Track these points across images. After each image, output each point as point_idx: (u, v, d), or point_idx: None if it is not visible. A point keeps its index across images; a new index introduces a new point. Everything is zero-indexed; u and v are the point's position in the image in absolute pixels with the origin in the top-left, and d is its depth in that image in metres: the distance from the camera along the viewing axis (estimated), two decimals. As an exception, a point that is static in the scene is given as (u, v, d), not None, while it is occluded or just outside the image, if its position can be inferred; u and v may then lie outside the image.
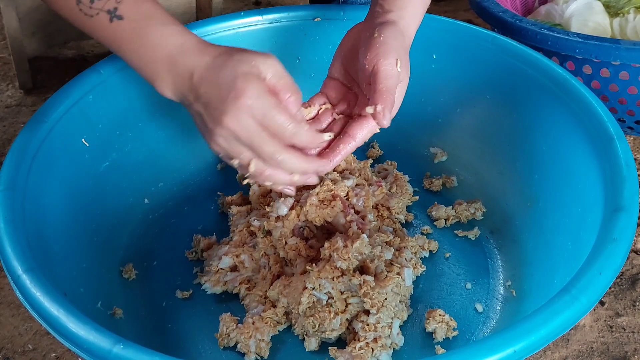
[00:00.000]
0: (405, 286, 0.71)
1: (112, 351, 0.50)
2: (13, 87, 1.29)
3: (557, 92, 0.77)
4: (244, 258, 0.75)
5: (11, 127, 1.19)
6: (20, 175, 0.66)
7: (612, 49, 0.91)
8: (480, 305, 0.73)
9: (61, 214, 0.70)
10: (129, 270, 0.76)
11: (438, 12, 1.33)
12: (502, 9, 1.03)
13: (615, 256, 0.57)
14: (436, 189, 0.87)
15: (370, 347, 0.65)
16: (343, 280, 0.68)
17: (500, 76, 0.84)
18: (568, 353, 0.79)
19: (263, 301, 0.72)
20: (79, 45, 1.42)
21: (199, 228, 0.82)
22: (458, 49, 0.88)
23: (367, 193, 0.77)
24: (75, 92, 0.77)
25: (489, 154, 0.86)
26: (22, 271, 0.56)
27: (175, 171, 0.88)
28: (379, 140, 0.94)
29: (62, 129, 0.73)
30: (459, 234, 0.81)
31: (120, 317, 0.71)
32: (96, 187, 0.77)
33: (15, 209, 0.62)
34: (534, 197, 0.78)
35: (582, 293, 0.54)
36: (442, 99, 0.90)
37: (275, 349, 0.69)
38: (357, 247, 0.69)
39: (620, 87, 0.96)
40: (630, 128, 1.04)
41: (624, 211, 0.60)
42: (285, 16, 0.91)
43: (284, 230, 0.73)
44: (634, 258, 0.91)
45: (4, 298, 0.87)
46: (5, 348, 0.81)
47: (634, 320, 0.83)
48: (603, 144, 0.68)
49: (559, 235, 0.71)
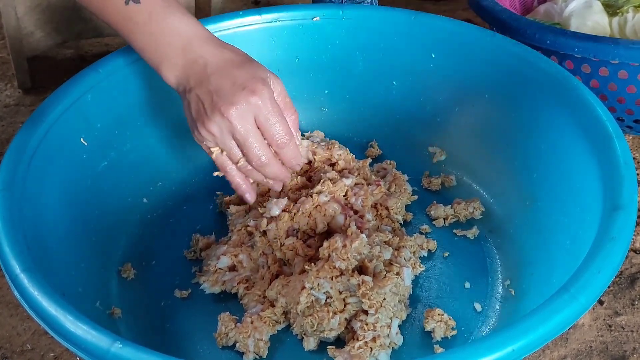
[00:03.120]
0: (405, 286, 0.70)
1: (110, 350, 0.50)
2: (12, 86, 1.29)
3: (556, 91, 0.77)
4: (242, 258, 0.75)
5: (9, 127, 1.19)
6: (18, 174, 0.66)
7: (611, 48, 0.91)
8: (479, 305, 0.73)
9: (59, 213, 0.70)
10: (127, 270, 0.76)
11: (437, 12, 1.33)
12: (500, 8, 1.02)
13: (614, 255, 0.57)
14: (435, 188, 0.87)
15: (369, 346, 0.65)
16: (342, 280, 0.68)
17: (499, 75, 0.84)
18: (567, 352, 0.79)
19: (262, 301, 0.72)
20: (78, 45, 1.42)
21: (197, 227, 0.82)
22: (457, 48, 0.87)
23: (366, 192, 0.77)
24: (74, 92, 0.77)
25: (487, 153, 0.86)
26: (19, 271, 0.56)
27: (174, 171, 0.88)
28: (378, 139, 0.94)
29: (61, 129, 0.73)
30: (458, 233, 0.81)
31: (119, 316, 0.71)
32: (94, 186, 0.77)
33: (13, 209, 0.62)
34: (532, 196, 0.78)
35: (581, 292, 0.54)
36: (440, 98, 0.90)
37: (274, 349, 0.69)
38: (356, 247, 0.69)
39: (619, 86, 0.96)
40: (629, 127, 1.04)
41: (623, 210, 0.60)
42: (284, 15, 0.91)
43: (277, 231, 0.73)
44: (633, 257, 0.91)
45: (2, 298, 0.87)
46: (3, 348, 0.80)
47: (633, 319, 0.83)
48: (602, 143, 0.68)
49: (558, 234, 0.71)
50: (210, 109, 0.65)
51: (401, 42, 0.90)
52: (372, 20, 0.91)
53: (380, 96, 0.93)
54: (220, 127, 0.65)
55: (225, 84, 0.64)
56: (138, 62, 0.82)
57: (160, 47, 0.67)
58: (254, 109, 0.64)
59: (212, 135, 0.66)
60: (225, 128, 0.65)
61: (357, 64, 0.93)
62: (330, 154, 0.81)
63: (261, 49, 0.88)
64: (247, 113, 0.64)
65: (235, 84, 0.64)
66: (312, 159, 0.80)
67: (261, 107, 0.65)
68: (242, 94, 0.64)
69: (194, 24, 0.68)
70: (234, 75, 0.65)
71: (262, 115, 0.65)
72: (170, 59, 0.67)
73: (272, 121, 0.65)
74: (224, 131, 0.65)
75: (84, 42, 1.42)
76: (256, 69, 0.67)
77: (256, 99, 0.64)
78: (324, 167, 0.79)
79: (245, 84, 0.64)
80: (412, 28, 0.89)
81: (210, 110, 0.65)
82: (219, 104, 0.64)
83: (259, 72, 0.66)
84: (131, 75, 0.82)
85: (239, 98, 0.64)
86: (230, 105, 0.64)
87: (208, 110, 0.65)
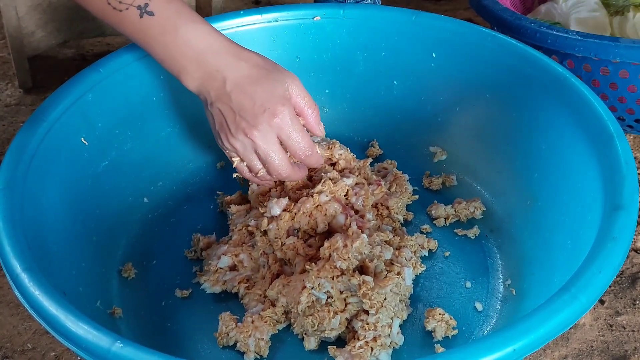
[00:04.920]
0: (405, 285, 0.70)
1: (111, 350, 0.50)
2: (12, 86, 1.29)
3: (557, 90, 0.77)
4: (243, 257, 0.75)
5: (10, 126, 1.19)
6: (19, 174, 0.66)
7: (612, 47, 0.91)
8: (480, 304, 0.73)
9: (60, 213, 0.70)
10: (128, 270, 0.76)
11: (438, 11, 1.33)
12: (501, 8, 1.02)
13: (615, 255, 0.57)
14: (436, 187, 0.87)
15: (369, 346, 0.65)
16: (342, 280, 0.68)
17: (500, 75, 0.84)
18: (568, 352, 0.79)
19: (262, 300, 0.72)
20: (79, 45, 1.42)
21: (198, 227, 0.82)
22: (458, 47, 0.87)
23: (367, 192, 0.77)
24: (75, 91, 0.77)
25: (488, 153, 0.85)
26: (20, 270, 0.56)
27: (174, 170, 0.88)
28: (379, 139, 0.94)
29: (61, 128, 0.73)
30: (459, 233, 0.81)
31: (120, 316, 0.71)
32: (95, 186, 0.77)
33: (14, 208, 0.62)
34: (533, 196, 0.78)
35: (582, 292, 0.54)
36: (441, 97, 0.90)
37: (275, 348, 0.69)
38: (356, 247, 0.69)
39: (620, 86, 0.96)
40: (630, 126, 1.04)
41: (624, 210, 0.60)
42: (285, 15, 0.91)
43: (278, 231, 0.73)
44: (634, 257, 0.91)
45: (3, 297, 0.87)
46: (4, 347, 0.80)
47: (634, 319, 0.83)
48: (603, 143, 0.68)
49: (559, 234, 0.71)
50: (235, 128, 0.68)
51: (402, 42, 0.90)
52: (373, 20, 0.91)
53: (381, 96, 0.93)
54: (243, 144, 0.68)
55: (247, 104, 0.67)
56: (139, 62, 0.83)
57: (177, 59, 0.68)
58: (276, 129, 0.68)
59: (233, 149, 0.70)
60: (248, 145, 0.68)
61: (358, 63, 0.93)
62: (331, 153, 0.81)
63: (262, 49, 0.87)
64: (270, 134, 0.68)
65: (255, 105, 0.66)
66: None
67: (282, 127, 0.68)
68: (263, 117, 0.66)
69: (208, 34, 0.68)
70: (254, 94, 0.67)
71: (284, 134, 0.68)
72: (188, 70, 0.68)
73: (294, 138, 0.69)
74: (247, 148, 0.69)
75: (84, 42, 1.42)
76: (274, 85, 0.68)
77: (277, 121, 0.67)
78: (325, 167, 0.79)
79: (265, 105, 0.67)
80: (413, 28, 0.89)
81: (235, 129, 0.68)
82: (242, 125, 0.67)
83: (277, 90, 0.68)
84: (132, 74, 0.82)
85: (261, 120, 0.67)
86: (253, 128, 0.67)
87: (232, 128, 0.68)
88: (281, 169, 0.70)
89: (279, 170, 0.70)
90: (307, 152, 0.71)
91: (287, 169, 0.71)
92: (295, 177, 0.73)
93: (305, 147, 0.70)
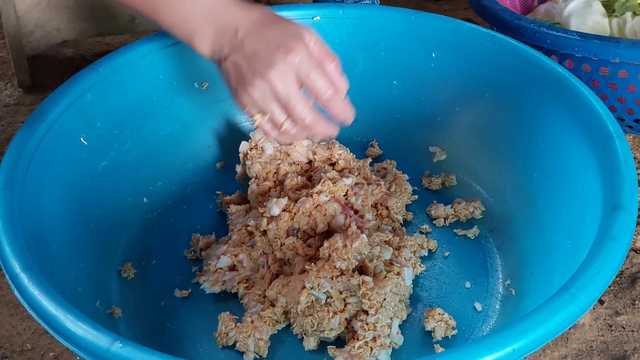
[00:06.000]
0: (405, 286, 0.70)
1: (110, 350, 0.50)
2: (12, 85, 1.29)
3: (557, 90, 0.77)
4: (242, 257, 0.75)
5: (9, 126, 1.19)
6: (19, 174, 0.66)
7: (612, 47, 0.91)
8: (480, 304, 0.73)
9: (59, 213, 0.70)
10: (127, 270, 0.76)
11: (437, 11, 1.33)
12: (501, 8, 1.02)
13: (614, 255, 0.57)
14: (435, 187, 0.87)
15: (369, 346, 0.65)
16: (342, 280, 0.68)
17: (499, 75, 0.84)
18: (567, 352, 0.79)
19: (262, 300, 0.72)
20: (78, 44, 1.42)
21: (197, 227, 0.82)
22: (457, 47, 0.87)
23: (366, 192, 0.77)
24: (74, 91, 0.76)
25: (488, 153, 0.85)
26: (20, 270, 0.56)
27: (174, 170, 0.88)
28: (378, 139, 0.94)
29: (61, 128, 0.73)
30: (458, 233, 0.81)
31: (119, 316, 0.71)
32: (95, 186, 0.77)
33: (13, 208, 0.62)
34: (533, 196, 0.78)
35: (581, 292, 0.54)
36: (441, 97, 0.90)
37: (274, 348, 0.69)
38: (356, 247, 0.68)
39: (619, 86, 0.96)
40: (630, 126, 1.04)
41: (623, 209, 0.60)
42: (285, 15, 0.90)
43: (277, 231, 0.73)
44: (634, 257, 0.91)
45: (2, 297, 0.87)
46: (3, 347, 0.80)
47: (634, 319, 0.83)
48: (602, 143, 0.68)
49: (558, 233, 0.71)
50: (250, 74, 0.64)
51: (402, 42, 0.90)
52: (372, 20, 0.91)
53: (381, 96, 0.93)
54: (261, 91, 0.65)
55: (260, 46, 0.64)
56: (138, 62, 0.83)
57: (187, 20, 0.67)
58: (293, 67, 0.64)
59: (254, 100, 0.66)
60: (267, 91, 0.65)
61: (358, 63, 0.93)
62: (330, 153, 0.81)
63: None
64: (287, 72, 0.64)
65: (269, 45, 0.64)
66: (313, 158, 0.80)
67: (300, 65, 0.64)
68: (278, 54, 0.63)
69: None
70: (266, 36, 0.65)
71: (302, 73, 0.64)
72: (199, 30, 0.66)
73: (313, 76, 0.65)
74: (266, 94, 0.65)
75: (84, 42, 1.42)
76: (287, 26, 0.66)
77: (293, 57, 0.64)
78: (324, 167, 0.79)
79: (279, 43, 0.64)
80: (413, 27, 0.89)
81: (251, 75, 0.64)
82: (258, 67, 0.64)
83: (291, 29, 0.66)
84: (131, 74, 0.82)
85: (277, 59, 0.63)
86: (269, 67, 0.63)
87: (248, 75, 0.65)
88: (304, 114, 0.66)
89: (302, 115, 0.66)
90: (328, 92, 0.66)
91: (311, 114, 0.67)
92: (322, 128, 0.69)
93: (326, 86, 0.66)
